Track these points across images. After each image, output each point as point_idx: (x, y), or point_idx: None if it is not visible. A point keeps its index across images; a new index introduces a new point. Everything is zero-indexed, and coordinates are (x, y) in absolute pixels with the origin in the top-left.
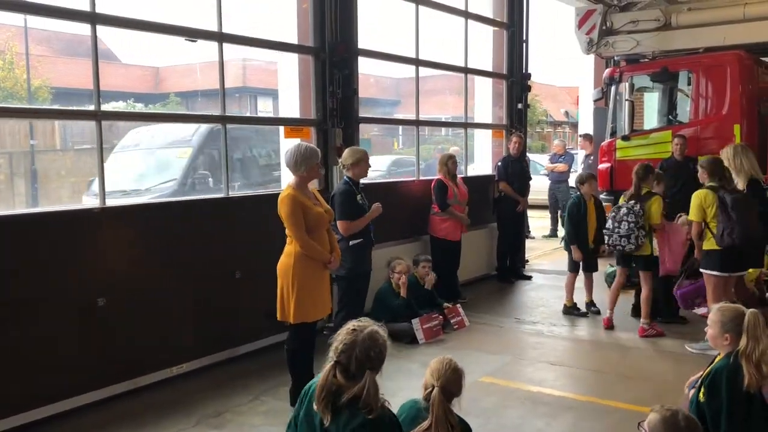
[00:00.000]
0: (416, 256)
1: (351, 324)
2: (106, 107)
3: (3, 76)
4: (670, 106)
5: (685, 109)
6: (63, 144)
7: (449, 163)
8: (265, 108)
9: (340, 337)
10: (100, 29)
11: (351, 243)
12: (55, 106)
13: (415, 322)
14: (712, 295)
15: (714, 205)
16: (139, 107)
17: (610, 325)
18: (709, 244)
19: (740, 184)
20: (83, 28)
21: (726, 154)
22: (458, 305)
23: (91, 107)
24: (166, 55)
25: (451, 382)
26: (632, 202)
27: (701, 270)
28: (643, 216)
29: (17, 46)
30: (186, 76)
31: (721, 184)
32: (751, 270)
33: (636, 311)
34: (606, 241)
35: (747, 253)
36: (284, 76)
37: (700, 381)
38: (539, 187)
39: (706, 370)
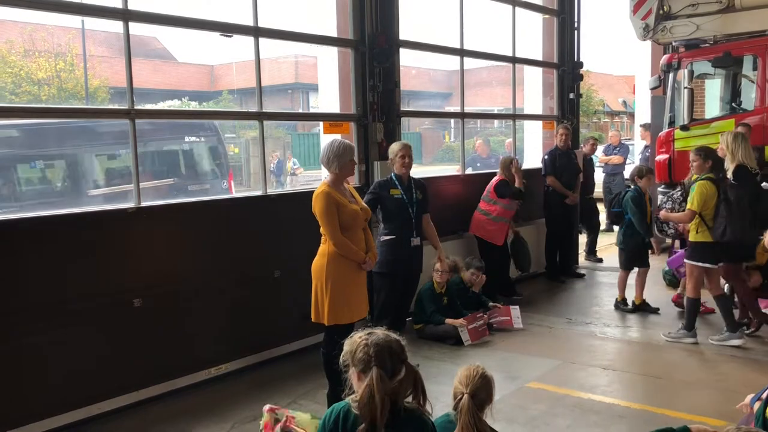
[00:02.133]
0: (470, 260)
1: (356, 335)
2: (162, 105)
3: (65, 77)
4: (733, 93)
5: (749, 96)
6: None
7: (512, 165)
8: (316, 104)
9: (360, 347)
10: (137, 26)
11: (382, 239)
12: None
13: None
14: (693, 286)
15: (715, 198)
16: (194, 105)
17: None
18: (702, 236)
19: (729, 171)
20: (137, 29)
21: (725, 140)
22: (511, 307)
23: (125, 106)
24: (221, 53)
25: (480, 388)
26: (677, 188)
27: (686, 260)
28: (682, 202)
29: (77, 47)
30: (241, 73)
31: (721, 175)
32: None
33: None
34: (654, 230)
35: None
36: (324, 71)
37: (766, 395)
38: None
39: None
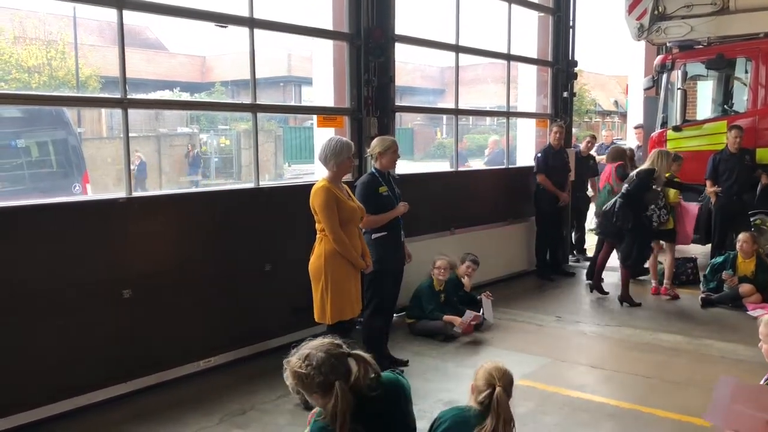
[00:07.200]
0: (465, 254)
1: (290, 364)
2: (154, 95)
3: (56, 65)
4: (725, 95)
5: (741, 99)
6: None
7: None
8: (309, 97)
9: (310, 374)
10: (131, 15)
11: (374, 236)
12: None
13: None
14: None
15: None
16: (185, 96)
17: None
18: None
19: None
20: (131, 17)
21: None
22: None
23: (118, 95)
24: (213, 44)
25: (509, 384)
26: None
27: None
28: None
29: (69, 35)
30: (233, 65)
31: None
32: None
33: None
34: None
35: None
36: (318, 64)
37: None
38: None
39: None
